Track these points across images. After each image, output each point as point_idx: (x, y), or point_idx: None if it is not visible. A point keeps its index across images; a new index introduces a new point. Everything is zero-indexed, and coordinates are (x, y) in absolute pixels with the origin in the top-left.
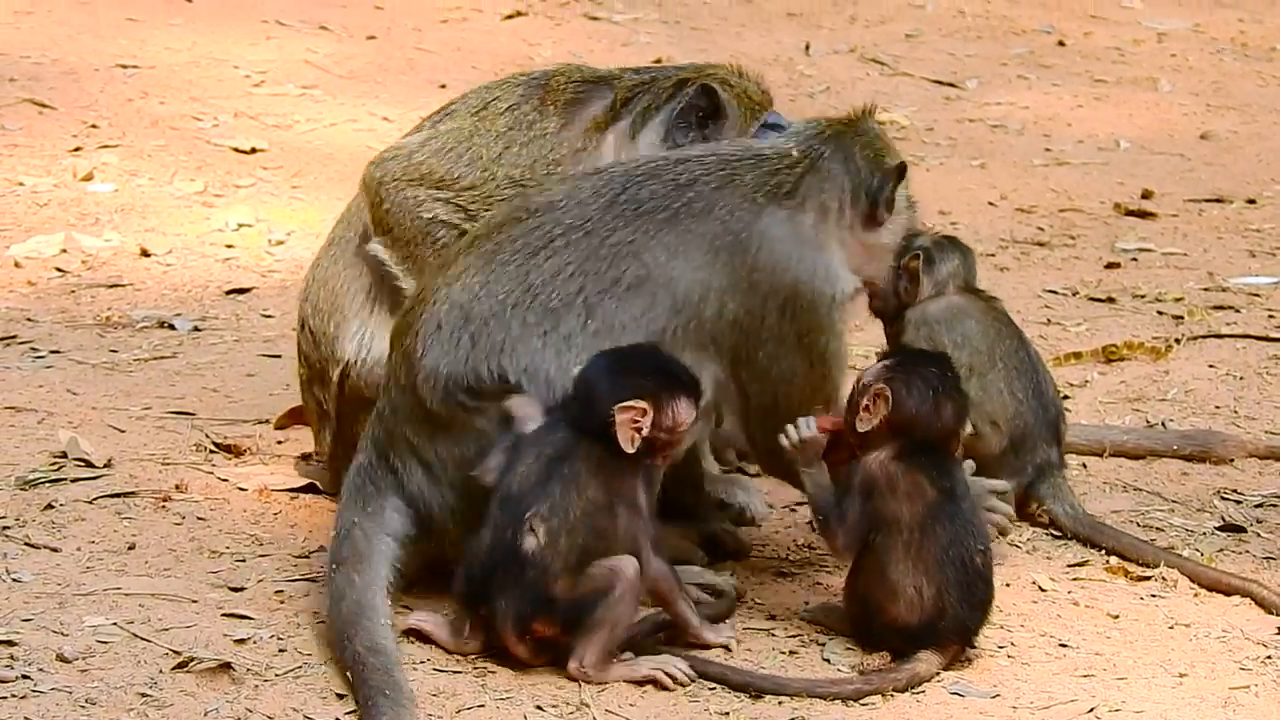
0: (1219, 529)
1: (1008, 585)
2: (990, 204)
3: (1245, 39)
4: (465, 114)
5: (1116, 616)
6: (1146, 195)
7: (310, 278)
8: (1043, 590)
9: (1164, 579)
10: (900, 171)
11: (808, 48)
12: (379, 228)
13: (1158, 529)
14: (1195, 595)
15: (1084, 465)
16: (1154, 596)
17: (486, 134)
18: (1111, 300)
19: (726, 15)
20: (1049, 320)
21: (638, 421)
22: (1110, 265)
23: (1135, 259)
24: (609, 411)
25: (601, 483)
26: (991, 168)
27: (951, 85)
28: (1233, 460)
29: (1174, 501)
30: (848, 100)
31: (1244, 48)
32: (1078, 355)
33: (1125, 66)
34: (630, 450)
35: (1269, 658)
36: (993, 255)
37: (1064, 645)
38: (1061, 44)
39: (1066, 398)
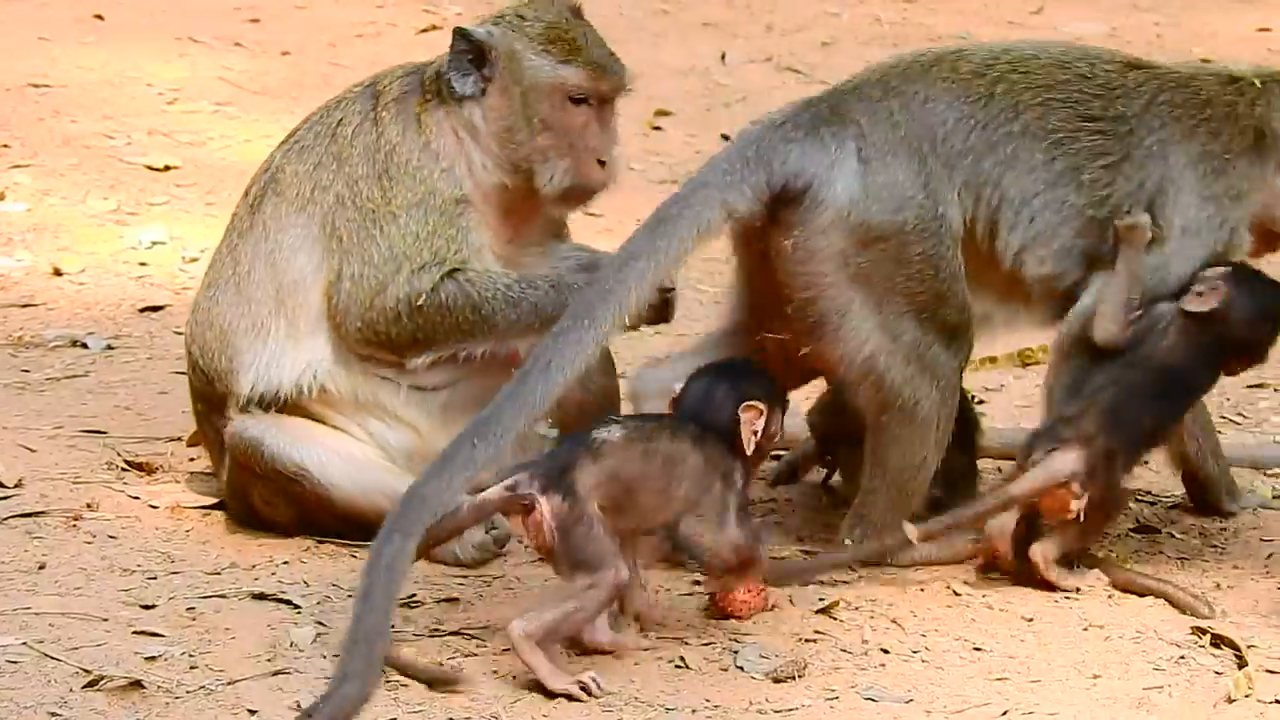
0: (1133, 530)
1: (922, 590)
2: None
3: (1162, 42)
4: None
5: (1031, 619)
6: None
7: (193, 322)
8: (957, 594)
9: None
10: None
11: (724, 57)
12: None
13: None
14: (1110, 597)
15: (999, 469)
16: (1068, 599)
17: (352, 178)
18: None
19: (643, 26)
20: None
21: (755, 423)
22: None
23: None
24: (734, 412)
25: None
26: None
27: None
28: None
29: None
30: (764, 109)
31: (1161, 51)
32: (993, 360)
33: None
34: (749, 449)
35: (1182, 658)
36: None
37: (978, 649)
38: None
39: (981, 402)
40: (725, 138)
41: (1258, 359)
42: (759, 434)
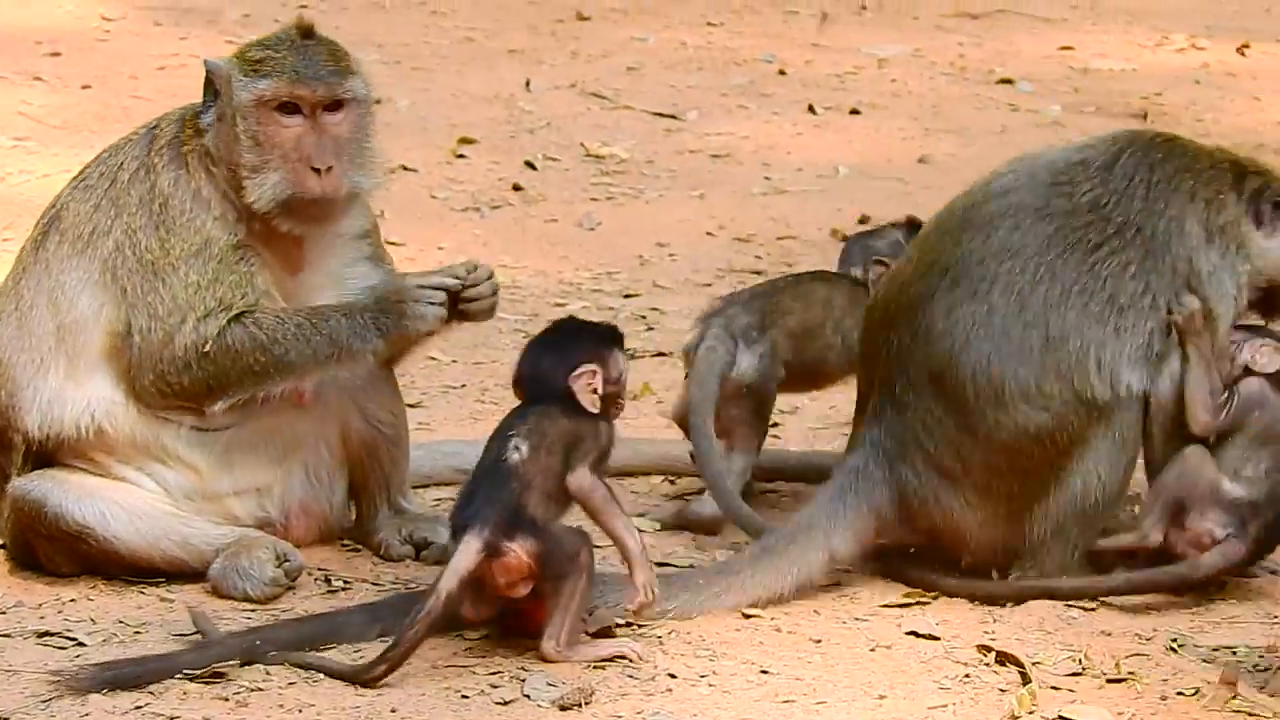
0: None
1: (711, 613)
2: (709, 234)
3: (964, 63)
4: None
5: (819, 641)
6: (864, 220)
7: None
8: (746, 617)
9: (857, 600)
10: None
11: (528, 84)
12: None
13: None
14: (898, 620)
15: (795, 493)
16: (857, 620)
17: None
18: None
19: (448, 54)
20: None
21: (592, 383)
22: None
23: None
24: (565, 382)
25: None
26: (711, 198)
27: (672, 117)
28: None
29: None
30: (569, 135)
31: (963, 71)
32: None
33: (845, 93)
34: (595, 410)
35: (968, 676)
36: (709, 285)
37: (765, 671)
38: (782, 73)
39: (776, 424)
40: (530, 165)
41: None
42: (599, 390)
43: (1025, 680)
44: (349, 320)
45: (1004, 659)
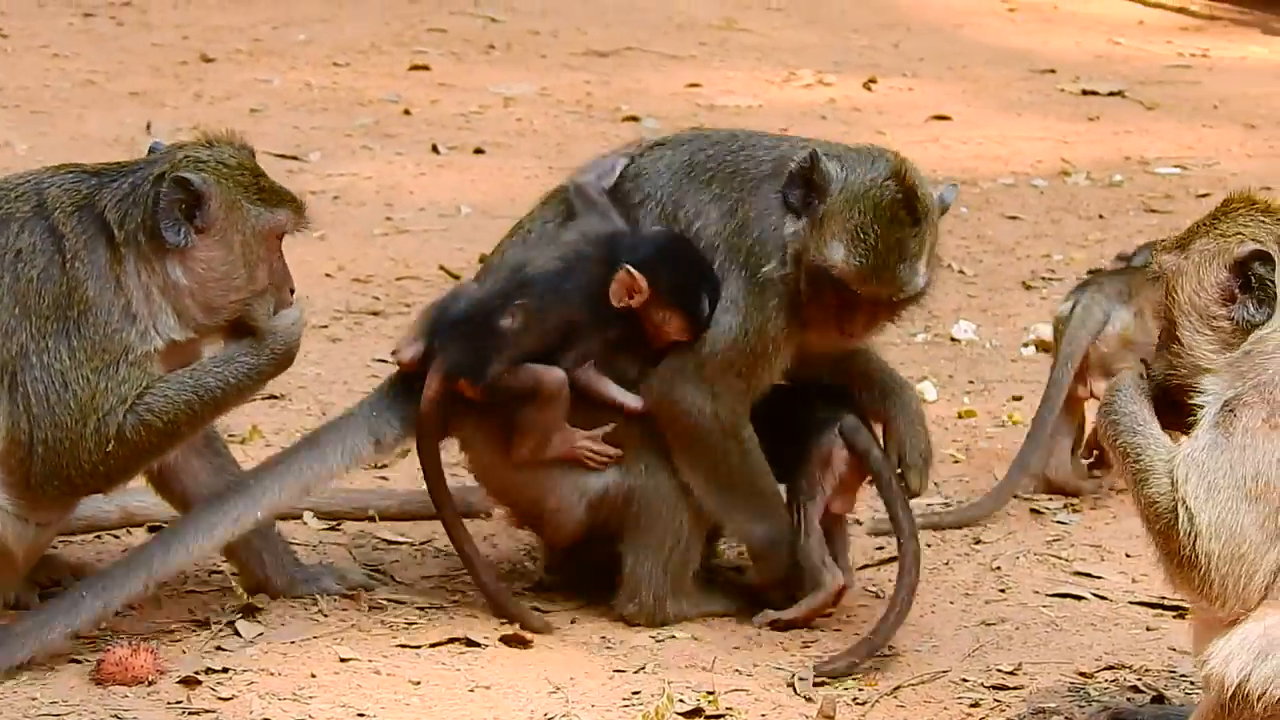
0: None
1: (309, 656)
2: (328, 275)
3: (591, 100)
4: None
5: (418, 683)
6: (484, 260)
7: None
8: (344, 661)
9: (470, 641)
10: None
11: (149, 126)
12: None
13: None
14: (496, 659)
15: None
16: (456, 657)
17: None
18: None
19: (68, 97)
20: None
21: (632, 291)
22: None
23: None
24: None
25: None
26: (332, 238)
27: (295, 158)
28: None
29: None
30: None
31: (589, 109)
32: None
33: (471, 132)
34: (616, 304)
35: (567, 715)
36: (325, 327)
37: (362, 715)
38: (407, 112)
39: (385, 465)
40: None
41: None
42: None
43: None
44: (226, 364)
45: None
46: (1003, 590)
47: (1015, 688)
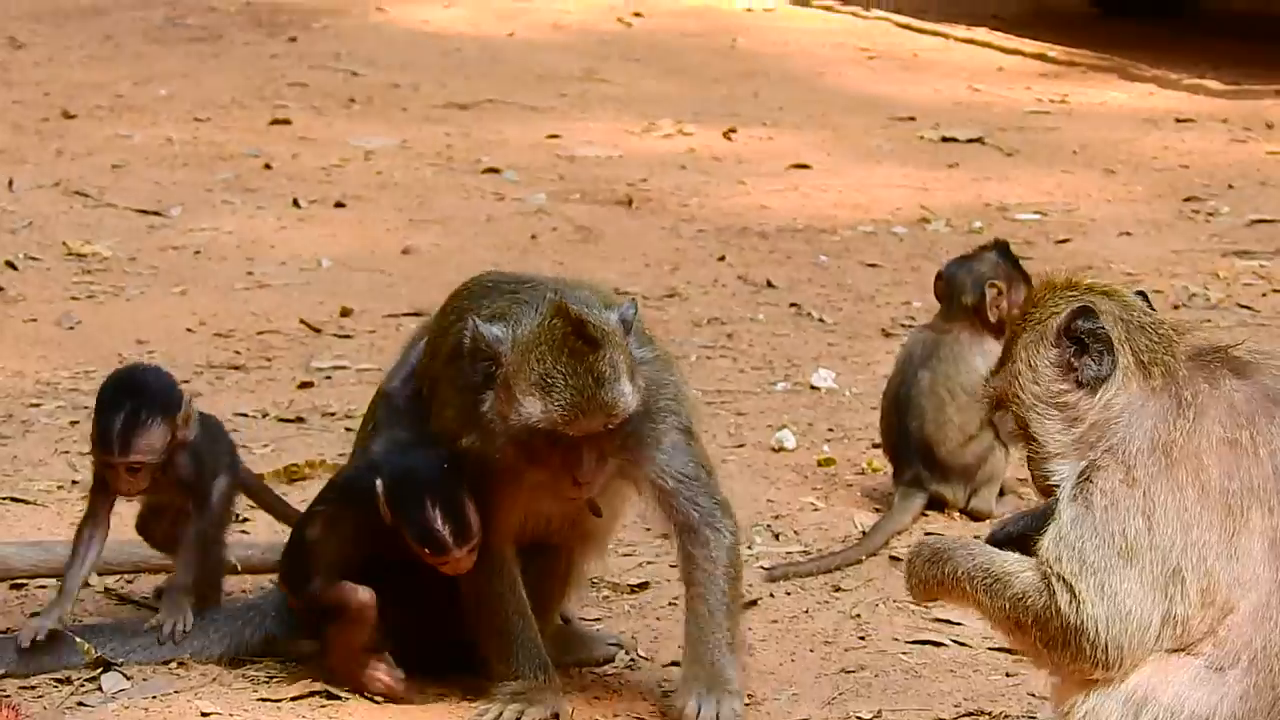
0: None
1: (171, 710)
2: (189, 330)
3: (451, 153)
4: None
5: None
6: (345, 313)
7: None
8: (205, 715)
9: (331, 694)
10: None
11: (11, 183)
12: None
13: None
14: (356, 712)
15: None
16: (317, 710)
17: None
18: (301, 420)
19: None
20: (239, 444)
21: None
22: (303, 385)
23: (329, 377)
24: None
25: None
26: (193, 294)
27: (156, 214)
28: None
29: None
30: (51, 234)
31: (449, 161)
32: (260, 476)
33: (331, 186)
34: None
35: None
36: (188, 382)
37: None
38: (268, 167)
39: (246, 520)
40: (10, 265)
41: None
42: None
43: None
44: None
45: None
46: (862, 638)
47: None
